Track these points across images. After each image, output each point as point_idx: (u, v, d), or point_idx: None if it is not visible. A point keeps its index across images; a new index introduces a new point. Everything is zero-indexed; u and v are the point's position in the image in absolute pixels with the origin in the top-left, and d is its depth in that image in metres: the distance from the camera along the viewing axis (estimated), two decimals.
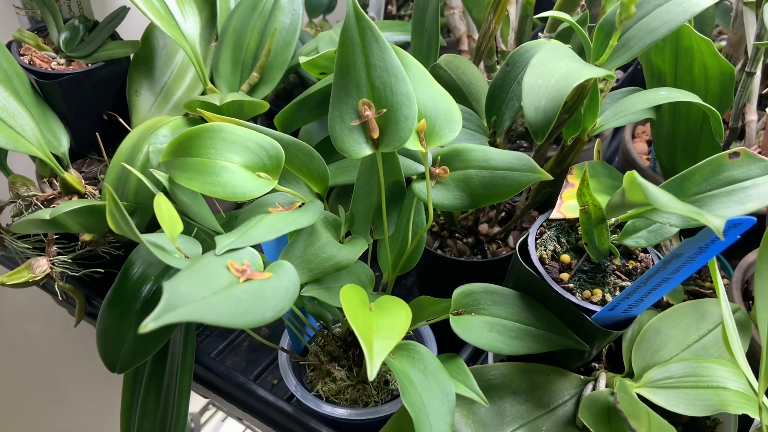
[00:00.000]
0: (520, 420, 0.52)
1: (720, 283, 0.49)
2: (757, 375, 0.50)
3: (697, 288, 0.70)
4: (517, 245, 0.53)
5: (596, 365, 0.58)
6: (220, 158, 0.48)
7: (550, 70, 0.44)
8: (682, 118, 0.64)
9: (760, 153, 0.76)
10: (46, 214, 0.52)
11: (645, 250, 0.54)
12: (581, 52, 0.55)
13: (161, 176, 0.49)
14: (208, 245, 0.52)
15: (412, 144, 0.47)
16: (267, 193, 0.48)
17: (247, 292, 0.38)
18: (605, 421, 0.50)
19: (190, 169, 0.47)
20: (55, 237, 0.68)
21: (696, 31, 0.54)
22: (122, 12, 0.73)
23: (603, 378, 0.54)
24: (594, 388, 0.54)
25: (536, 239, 0.54)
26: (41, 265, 0.66)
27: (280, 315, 0.38)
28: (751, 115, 0.75)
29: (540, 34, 0.79)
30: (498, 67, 0.79)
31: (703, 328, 0.57)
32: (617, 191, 0.47)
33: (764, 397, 0.48)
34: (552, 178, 0.46)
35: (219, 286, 0.37)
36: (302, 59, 0.62)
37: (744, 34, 0.86)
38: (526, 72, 0.45)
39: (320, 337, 0.64)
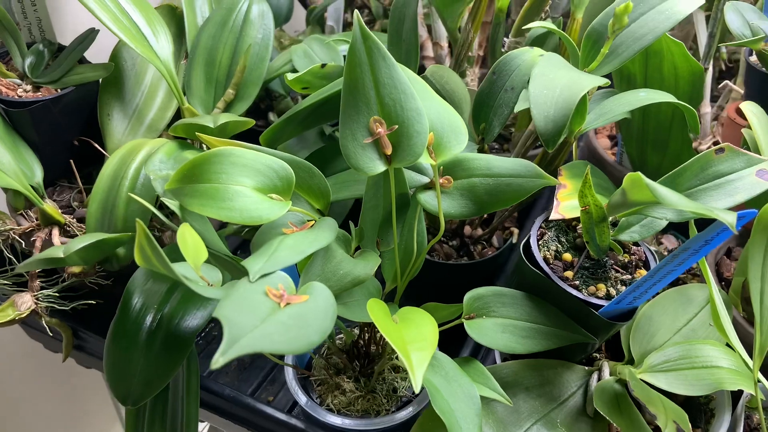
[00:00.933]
0: (535, 415, 0.54)
1: (709, 270, 0.52)
2: (748, 353, 0.54)
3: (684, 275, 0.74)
4: (521, 247, 0.55)
5: (597, 356, 0.61)
6: (232, 183, 0.48)
7: (552, 81, 0.47)
8: (652, 116, 0.68)
9: (716, 143, 0.82)
10: (59, 251, 0.50)
11: (636, 244, 0.57)
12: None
13: (172, 204, 0.48)
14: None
15: (423, 158, 0.48)
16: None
17: (292, 317, 0.38)
18: (616, 407, 0.53)
19: (201, 196, 0.47)
20: (37, 271, 0.65)
21: (667, 34, 0.58)
22: (91, 34, 0.71)
23: (606, 367, 0.57)
24: (599, 378, 0.56)
25: (538, 240, 0.56)
26: (26, 302, 0.64)
27: (324, 337, 0.38)
28: (705, 108, 0.81)
29: (505, 39, 0.82)
30: (468, 73, 0.82)
31: (690, 311, 0.61)
32: (617, 191, 0.50)
33: (759, 373, 0.52)
34: (557, 182, 0.49)
35: (264, 314, 0.37)
36: (290, 76, 0.62)
37: (690, 31, 0.92)
38: (531, 83, 0.47)
39: (324, 351, 0.65)
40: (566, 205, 0.56)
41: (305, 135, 0.81)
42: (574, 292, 0.52)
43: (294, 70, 0.79)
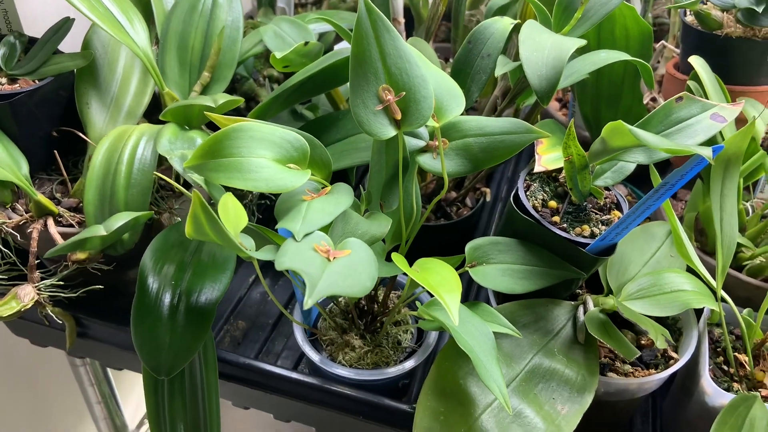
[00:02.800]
0: (535, 347, 0.60)
1: (670, 206, 0.60)
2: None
3: None
4: (511, 198, 0.61)
5: (579, 292, 0.68)
6: (253, 155, 0.51)
7: (539, 44, 0.52)
8: (605, 75, 0.75)
9: (653, 99, 0.90)
10: (100, 229, 0.52)
11: (607, 188, 0.64)
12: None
13: (197, 178, 0.50)
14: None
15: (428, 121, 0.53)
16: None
17: (345, 267, 0.42)
18: (605, 332, 0.60)
19: (226, 169, 0.50)
20: (35, 262, 0.65)
21: None
22: (66, 23, 0.71)
23: (590, 300, 0.64)
24: (585, 310, 0.63)
25: (525, 192, 0.62)
26: (28, 293, 0.64)
27: (374, 281, 0.43)
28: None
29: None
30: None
31: (654, 246, 0.69)
32: (597, 140, 0.56)
33: (722, 291, 0.60)
34: (547, 135, 0.54)
35: (321, 266, 0.41)
36: (275, 54, 0.65)
37: None
38: (520, 47, 0.53)
39: (330, 311, 0.69)
40: (547, 158, 0.62)
41: (279, 115, 0.83)
42: (564, 234, 0.58)
43: (265, 51, 0.81)
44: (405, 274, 0.51)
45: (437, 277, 0.50)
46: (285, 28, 0.80)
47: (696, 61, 0.65)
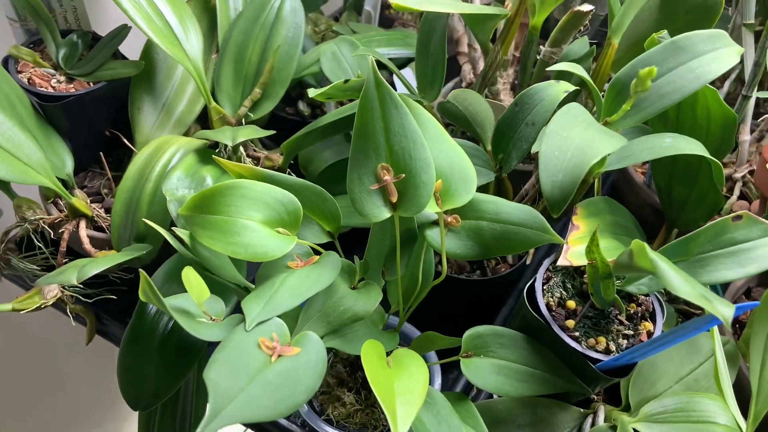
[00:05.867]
0: None
1: (717, 335, 0.51)
2: (743, 412, 0.54)
3: (687, 307, 0.73)
4: (525, 289, 0.55)
5: (594, 397, 0.61)
6: (240, 216, 0.49)
7: (566, 141, 0.46)
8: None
9: (752, 172, 0.79)
10: (72, 278, 0.53)
11: (646, 294, 0.57)
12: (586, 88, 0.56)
13: (183, 233, 0.49)
14: (223, 289, 0.54)
15: (429, 207, 0.48)
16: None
17: (281, 375, 0.39)
18: None
19: (211, 228, 0.48)
20: (63, 261, 0.68)
21: None
22: (123, 30, 0.72)
23: (602, 412, 0.58)
24: (593, 422, 0.57)
25: (543, 285, 0.56)
26: (52, 290, 0.67)
27: (311, 396, 0.40)
28: (744, 135, 0.78)
29: (541, 47, 0.80)
30: (501, 77, 0.80)
31: (696, 361, 0.60)
32: (625, 252, 0.49)
33: None
34: (563, 242, 0.48)
35: (253, 371, 0.39)
36: (311, 92, 0.62)
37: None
38: (543, 142, 0.46)
39: (329, 360, 0.67)
40: (575, 251, 0.55)
41: (332, 138, 0.81)
42: (573, 344, 0.52)
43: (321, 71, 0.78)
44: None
45: (405, 381, 0.46)
46: (344, 50, 0.76)
47: None
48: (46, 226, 0.69)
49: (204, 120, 0.77)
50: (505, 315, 0.76)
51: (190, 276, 0.44)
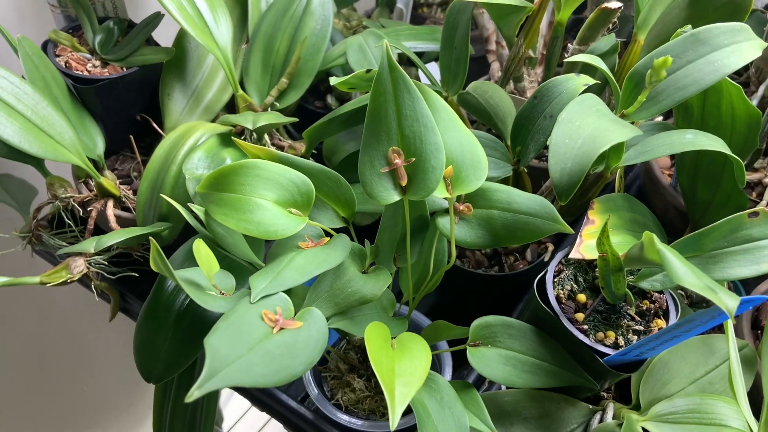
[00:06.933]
0: None
1: (731, 330, 0.50)
2: (757, 415, 0.52)
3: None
4: (536, 282, 0.55)
5: (605, 394, 0.60)
6: (254, 195, 0.50)
7: (577, 129, 0.45)
8: (705, 151, 0.64)
9: None
10: (90, 247, 0.55)
11: (660, 291, 0.56)
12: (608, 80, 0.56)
13: (198, 210, 0.51)
14: (240, 271, 0.55)
15: (439, 191, 0.49)
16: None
17: (281, 346, 0.40)
18: None
19: (225, 205, 0.49)
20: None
21: (727, 77, 0.55)
22: (156, 18, 0.74)
23: (611, 409, 0.57)
24: (601, 419, 0.56)
25: (554, 277, 0.56)
26: (78, 265, 0.70)
27: (309, 368, 0.40)
28: None
29: (569, 45, 0.79)
30: (529, 74, 0.80)
31: (711, 363, 0.59)
32: (636, 245, 0.49)
33: None
34: (573, 232, 0.48)
35: (254, 340, 0.40)
36: (333, 80, 0.63)
37: None
38: (554, 129, 0.46)
39: (340, 347, 0.67)
40: (588, 245, 0.55)
41: (354, 128, 0.82)
42: (581, 337, 0.52)
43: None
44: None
45: (407, 363, 0.46)
46: (370, 42, 0.77)
47: None
48: (76, 205, 0.71)
49: (231, 109, 0.79)
50: (519, 312, 0.76)
51: (200, 248, 0.45)
